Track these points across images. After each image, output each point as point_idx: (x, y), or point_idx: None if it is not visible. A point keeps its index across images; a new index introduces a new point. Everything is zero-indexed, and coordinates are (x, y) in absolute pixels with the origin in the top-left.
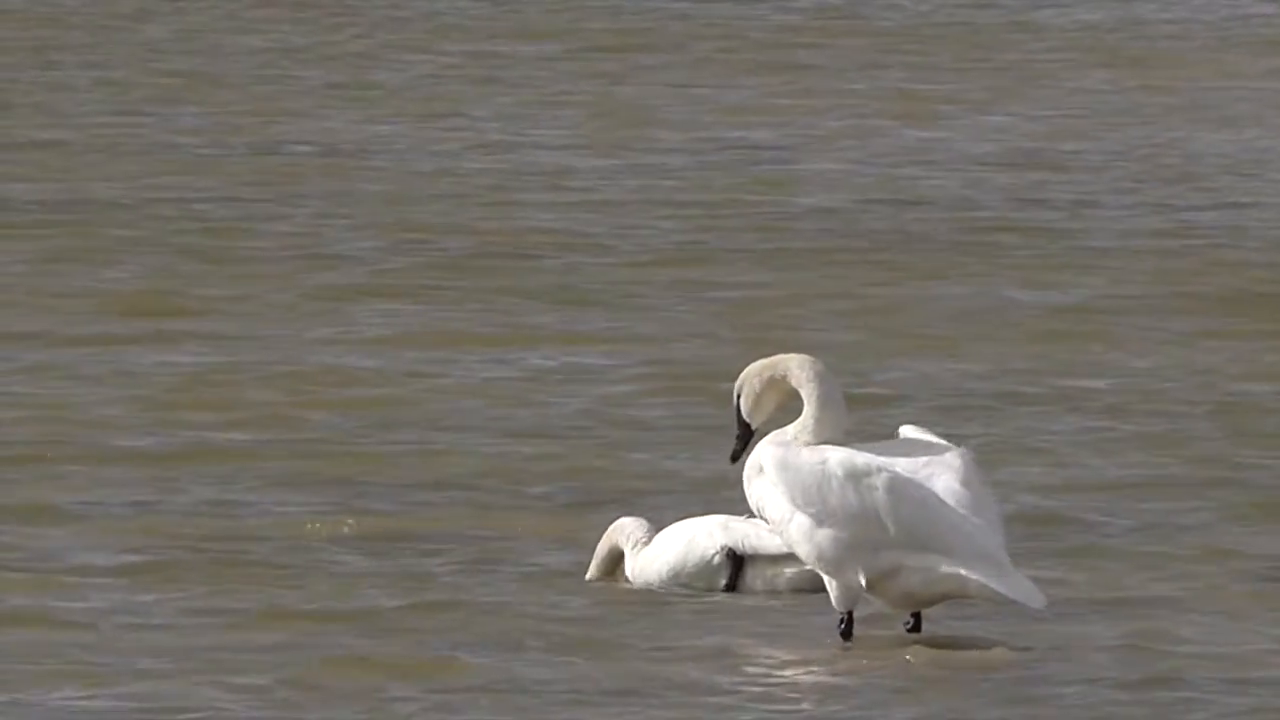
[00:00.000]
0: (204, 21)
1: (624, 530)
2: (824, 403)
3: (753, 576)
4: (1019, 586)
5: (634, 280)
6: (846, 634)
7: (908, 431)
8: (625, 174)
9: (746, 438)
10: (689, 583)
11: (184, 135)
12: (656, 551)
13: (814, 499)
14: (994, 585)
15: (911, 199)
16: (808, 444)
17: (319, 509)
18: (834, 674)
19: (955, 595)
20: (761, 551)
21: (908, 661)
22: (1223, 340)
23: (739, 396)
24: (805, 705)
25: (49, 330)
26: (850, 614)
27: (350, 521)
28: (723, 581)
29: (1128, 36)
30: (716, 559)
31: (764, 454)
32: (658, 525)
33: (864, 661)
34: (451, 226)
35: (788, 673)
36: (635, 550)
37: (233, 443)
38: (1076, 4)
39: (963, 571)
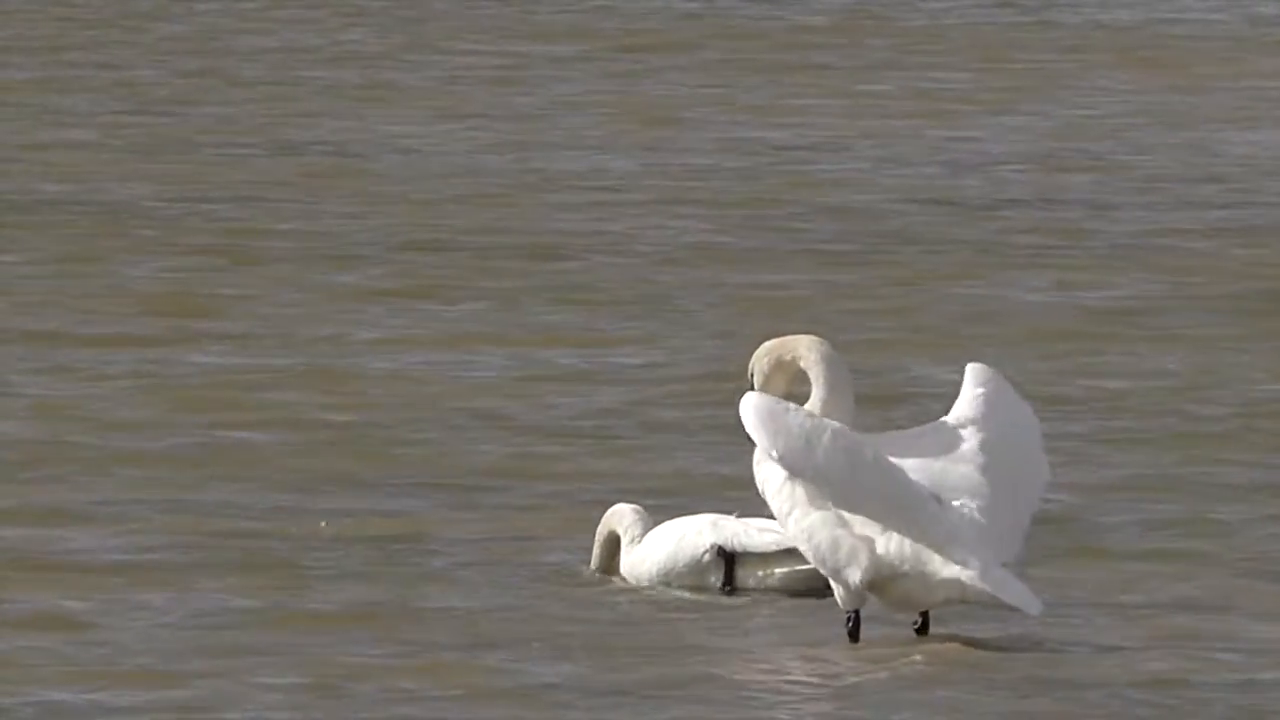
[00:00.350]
0: (219, 21)
1: (622, 519)
2: (831, 386)
3: (744, 575)
4: (1015, 592)
5: (653, 280)
6: (853, 634)
7: (972, 370)
8: (644, 174)
9: None
10: (680, 582)
11: (201, 134)
12: (647, 551)
13: (799, 452)
14: (990, 590)
15: (932, 199)
16: None
17: (335, 509)
18: (841, 674)
19: (955, 599)
20: (751, 549)
21: (916, 662)
22: (1245, 341)
23: (752, 375)
24: (812, 705)
25: (65, 330)
26: (857, 613)
27: (361, 522)
28: (716, 580)
29: (1147, 36)
30: (706, 557)
31: (746, 402)
32: (660, 523)
33: (872, 662)
34: (469, 227)
35: (795, 673)
36: (630, 546)
37: (250, 442)
38: (1093, 4)
39: (958, 576)
